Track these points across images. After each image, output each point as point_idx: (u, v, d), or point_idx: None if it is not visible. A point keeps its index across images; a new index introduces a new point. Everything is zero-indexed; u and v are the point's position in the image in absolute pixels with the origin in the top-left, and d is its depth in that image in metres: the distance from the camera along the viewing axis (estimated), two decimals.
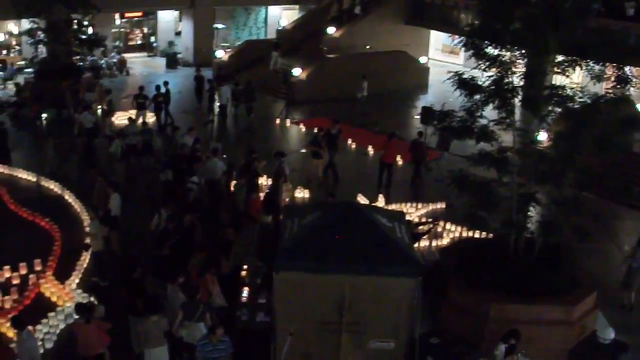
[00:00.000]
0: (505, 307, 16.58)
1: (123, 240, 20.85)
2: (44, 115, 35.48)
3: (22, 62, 46.16)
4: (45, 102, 36.02)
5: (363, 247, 14.91)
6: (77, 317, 16.55)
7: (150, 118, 33.55)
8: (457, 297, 17.30)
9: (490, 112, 17.63)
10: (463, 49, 18.25)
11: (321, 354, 15.24)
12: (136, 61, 50.73)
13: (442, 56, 51.24)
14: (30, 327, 15.49)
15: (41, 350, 16.05)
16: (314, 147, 26.69)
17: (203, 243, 19.23)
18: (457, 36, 36.56)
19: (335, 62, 42.41)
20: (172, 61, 49.89)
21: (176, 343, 15.53)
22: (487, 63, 17.32)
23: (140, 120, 30.82)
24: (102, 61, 46.79)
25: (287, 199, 24.38)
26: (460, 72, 17.85)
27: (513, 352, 14.80)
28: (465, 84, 17.49)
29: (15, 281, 19.34)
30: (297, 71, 40.18)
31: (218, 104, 35.07)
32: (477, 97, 17.40)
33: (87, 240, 20.57)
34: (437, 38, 51.06)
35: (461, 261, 18.15)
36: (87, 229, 21.31)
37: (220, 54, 47.24)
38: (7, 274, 19.56)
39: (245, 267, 18.40)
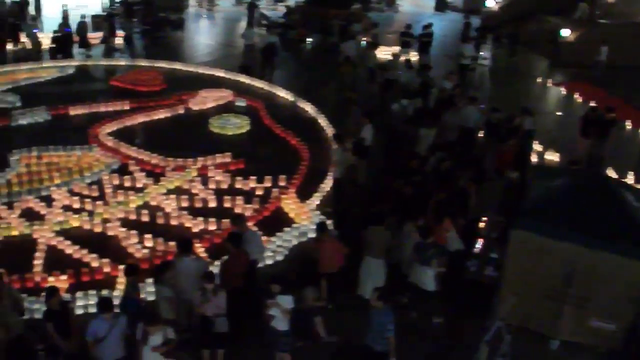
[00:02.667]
0: None
1: (369, 172, 20.73)
2: (309, 40, 36.18)
3: None
4: (312, 27, 36.68)
5: (605, 222, 14.17)
6: (311, 236, 17.13)
7: (414, 57, 33.13)
8: None
9: None
10: None
11: (540, 319, 14.66)
12: None
13: None
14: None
15: (270, 262, 16.54)
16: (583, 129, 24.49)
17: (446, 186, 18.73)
18: None
19: (606, 27, 39.70)
20: (442, 4, 49.52)
21: (401, 282, 15.38)
22: None
23: (403, 58, 30.50)
24: None
25: (535, 159, 23.30)
26: None
27: None
28: None
29: (259, 192, 19.82)
30: (565, 32, 38.19)
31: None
32: None
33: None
34: None
35: None
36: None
37: (490, 4, 46.04)
38: (252, 184, 20.10)
39: (484, 219, 17.83)
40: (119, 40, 35.66)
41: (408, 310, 15.01)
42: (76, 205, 18.76)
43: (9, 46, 33.21)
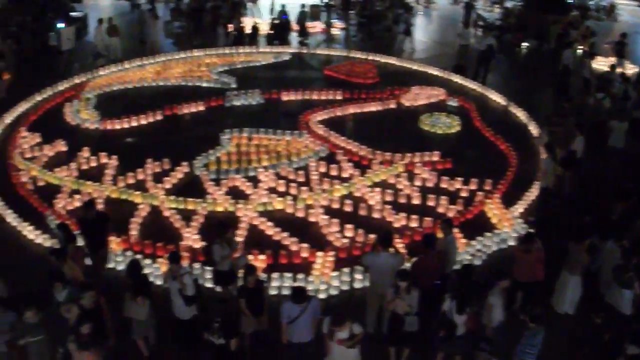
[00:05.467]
0: None
1: (577, 184, 19.88)
2: (525, 44, 35.41)
3: None
4: (528, 32, 35.91)
5: None
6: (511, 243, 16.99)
7: (630, 70, 31.51)
8: None
9: None
10: None
11: None
12: (626, 8, 48.38)
13: None
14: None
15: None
16: None
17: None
18: None
19: None
20: None
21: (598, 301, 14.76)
22: None
23: (620, 69, 29.14)
24: (592, 2, 45.45)
25: None
26: None
27: None
28: None
29: (464, 194, 19.48)
30: None
31: None
32: None
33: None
34: None
35: None
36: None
37: None
38: (458, 185, 19.78)
39: None
40: (335, 31, 36.29)
41: (601, 330, 14.29)
42: (281, 189, 19.20)
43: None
